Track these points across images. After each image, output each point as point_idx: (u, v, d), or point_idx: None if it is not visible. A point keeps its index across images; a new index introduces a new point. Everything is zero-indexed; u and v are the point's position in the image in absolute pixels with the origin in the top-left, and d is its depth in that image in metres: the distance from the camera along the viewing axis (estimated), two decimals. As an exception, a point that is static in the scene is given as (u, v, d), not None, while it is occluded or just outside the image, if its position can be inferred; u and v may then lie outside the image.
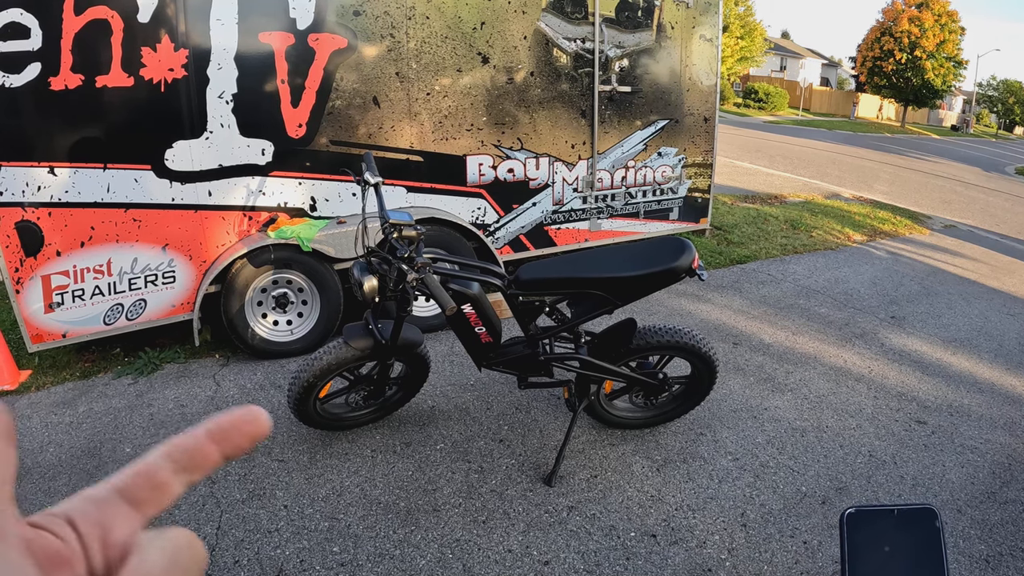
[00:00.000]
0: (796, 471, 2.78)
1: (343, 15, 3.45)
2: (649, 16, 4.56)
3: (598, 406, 2.85)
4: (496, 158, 4.15)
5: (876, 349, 4.07)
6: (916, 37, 31.55)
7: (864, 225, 7.63)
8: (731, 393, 3.39)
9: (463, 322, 2.51)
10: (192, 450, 0.31)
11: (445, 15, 3.75)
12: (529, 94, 4.17)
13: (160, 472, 0.30)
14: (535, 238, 4.48)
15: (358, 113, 3.62)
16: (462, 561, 2.21)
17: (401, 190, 3.87)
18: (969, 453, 3.00)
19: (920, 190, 11.57)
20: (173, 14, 3.02)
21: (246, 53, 3.23)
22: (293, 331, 3.63)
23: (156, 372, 3.42)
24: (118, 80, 2.97)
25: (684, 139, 5.02)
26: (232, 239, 3.46)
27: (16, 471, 0.26)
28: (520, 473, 2.67)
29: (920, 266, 6.14)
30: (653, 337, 2.65)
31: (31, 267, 3.03)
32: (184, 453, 0.30)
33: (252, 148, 3.38)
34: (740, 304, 4.71)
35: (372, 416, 2.92)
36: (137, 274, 3.27)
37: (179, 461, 0.30)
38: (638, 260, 2.53)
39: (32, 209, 2.96)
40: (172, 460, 0.30)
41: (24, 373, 3.35)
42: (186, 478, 0.30)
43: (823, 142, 19.28)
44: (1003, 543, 2.41)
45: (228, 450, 0.31)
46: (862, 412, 3.30)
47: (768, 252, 6.08)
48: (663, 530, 2.39)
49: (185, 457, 0.30)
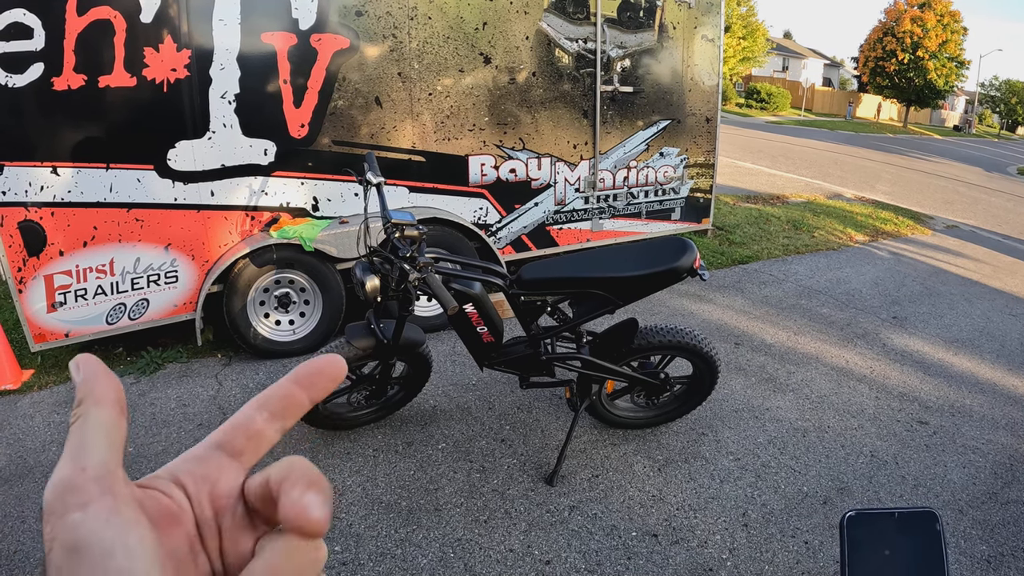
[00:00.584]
0: (798, 471, 2.78)
1: (345, 15, 3.46)
2: (651, 16, 4.56)
3: (600, 406, 2.85)
4: (498, 158, 4.15)
5: (878, 349, 4.07)
6: (918, 37, 31.50)
7: (866, 225, 7.62)
8: (733, 393, 3.39)
9: (465, 322, 2.51)
10: (282, 397, 0.32)
11: (447, 15, 3.76)
12: (531, 94, 4.17)
13: (254, 422, 0.32)
14: (537, 238, 4.48)
15: (360, 113, 3.63)
16: (463, 560, 2.21)
17: (403, 190, 3.88)
18: (971, 453, 2.99)
19: (922, 190, 11.56)
20: (176, 14, 3.03)
21: (249, 53, 3.23)
22: (295, 331, 3.64)
23: (158, 371, 3.42)
24: (121, 80, 2.98)
25: (686, 139, 5.02)
26: (234, 239, 3.47)
27: (125, 439, 0.28)
28: (522, 473, 2.68)
29: (922, 266, 6.13)
30: (655, 337, 2.65)
31: (34, 267, 3.03)
32: (275, 400, 0.32)
33: (254, 148, 3.39)
34: (742, 304, 4.71)
35: (374, 416, 2.92)
36: (139, 274, 3.28)
37: (271, 408, 0.32)
38: (639, 260, 2.53)
39: (35, 209, 2.97)
40: (265, 409, 0.32)
41: (27, 372, 3.36)
42: (279, 425, 0.32)
43: (825, 142, 19.27)
44: (1004, 543, 2.41)
45: (314, 393, 0.33)
46: (864, 412, 3.29)
47: (770, 252, 6.08)
48: (664, 530, 2.39)
49: (277, 404, 0.32)
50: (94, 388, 0.28)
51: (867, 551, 0.78)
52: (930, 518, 0.79)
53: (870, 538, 0.78)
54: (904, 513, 0.80)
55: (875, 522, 0.80)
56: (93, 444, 0.27)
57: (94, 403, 0.28)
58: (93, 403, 0.28)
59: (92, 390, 0.28)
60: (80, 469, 0.26)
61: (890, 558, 0.78)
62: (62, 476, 0.26)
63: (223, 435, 0.32)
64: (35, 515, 2.35)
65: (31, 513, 2.36)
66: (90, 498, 0.25)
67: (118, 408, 0.28)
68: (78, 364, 0.29)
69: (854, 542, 0.78)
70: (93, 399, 0.28)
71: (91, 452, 0.26)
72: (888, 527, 0.79)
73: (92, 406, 0.28)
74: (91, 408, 0.28)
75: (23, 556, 2.17)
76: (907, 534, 0.78)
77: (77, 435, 0.27)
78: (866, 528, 0.79)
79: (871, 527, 0.79)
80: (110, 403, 0.28)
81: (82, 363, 0.29)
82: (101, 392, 0.28)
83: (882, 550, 0.78)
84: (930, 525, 0.79)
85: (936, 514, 0.79)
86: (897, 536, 0.78)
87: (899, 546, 0.78)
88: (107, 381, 0.29)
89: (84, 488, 0.25)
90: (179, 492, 0.29)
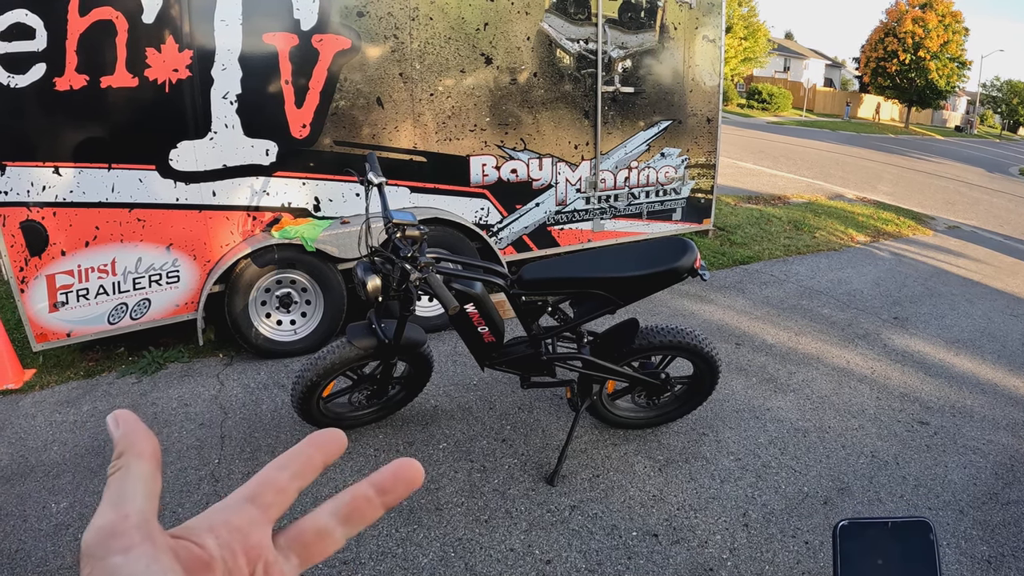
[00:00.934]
0: (798, 471, 2.78)
1: (347, 16, 3.46)
2: (652, 17, 4.57)
3: (600, 406, 2.86)
4: (499, 159, 4.15)
5: (879, 350, 4.07)
6: (920, 38, 31.49)
7: (867, 226, 7.62)
8: (733, 393, 3.39)
9: (466, 322, 2.51)
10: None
11: (448, 16, 3.76)
12: (532, 95, 4.17)
13: (278, 480, 0.35)
14: (538, 238, 4.49)
15: (362, 114, 3.63)
16: (464, 560, 2.22)
17: (405, 190, 3.88)
18: (971, 454, 2.99)
19: (923, 191, 11.55)
20: (177, 15, 3.04)
21: (250, 54, 3.24)
22: (297, 331, 3.64)
23: (160, 371, 3.43)
24: (123, 81, 2.99)
25: (687, 140, 5.02)
26: (236, 239, 3.48)
27: (160, 491, 0.31)
28: (522, 472, 2.68)
29: (923, 267, 6.13)
30: (655, 337, 2.65)
31: (36, 266, 3.04)
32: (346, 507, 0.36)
33: (256, 148, 3.39)
34: (743, 305, 4.71)
35: (375, 415, 2.93)
36: (141, 274, 3.29)
37: (298, 473, 0.36)
38: (640, 260, 2.53)
39: (37, 209, 2.98)
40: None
41: (29, 372, 3.36)
42: (298, 484, 0.36)
43: (827, 143, 19.26)
44: (1005, 544, 2.41)
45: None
46: (864, 413, 3.29)
47: (771, 253, 6.07)
48: (665, 530, 2.39)
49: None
50: (134, 442, 0.31)
51: (860, 560, 0.78)
52: (923, 527, 0.79)
53: (863, 547, 0.78)
54: (897, 522, 0.80)
55: (868, 531, 0.79)
56: (133, 494, 0.29)
57: (135, 456, 0.30)
58: (134, 456, 0.30)
59: (132, 444, 0.31)
60: (123, 516, 0.28)
61: (883, 567, 0.77)
62: (104, 522, 0.28)
63: (255, 490, 0.34)
64: (36, 514, 2.36)
65: (32, 512, 2.37)
66: (132, 543, 0.27)
67: (155, 462, 0.31)
68: (117, 419, 0.32)
69: (847, 552, 0.78)
70: (134, 452, 0.30)
71: (132, 501, 0.29)
72: (881, 536, 0.79)
73: (133, 458, 0.30)
74: (132, 460, 0.30)
75: (24, 555, 2.18)
76: (900, 543, 0.78)
77: (117, 485, 0.29)
78: (859, 537, 0.79)
79: (864, 536, 0.79)
80: (148, 457, 0.31)
81: (121, 418, 0.32)
82: (141, 447, 0.31)
83: (875, 559, 0.78)
84: (923, 534, 0.78)
85: (929, 523, 0.79)
86: (890, 545, 0.78)
87: (892, 555, 0.78)
88: (146, 437, 0.31)
89: (126, 534, 0.27)
90: (211, 541, 0.31)
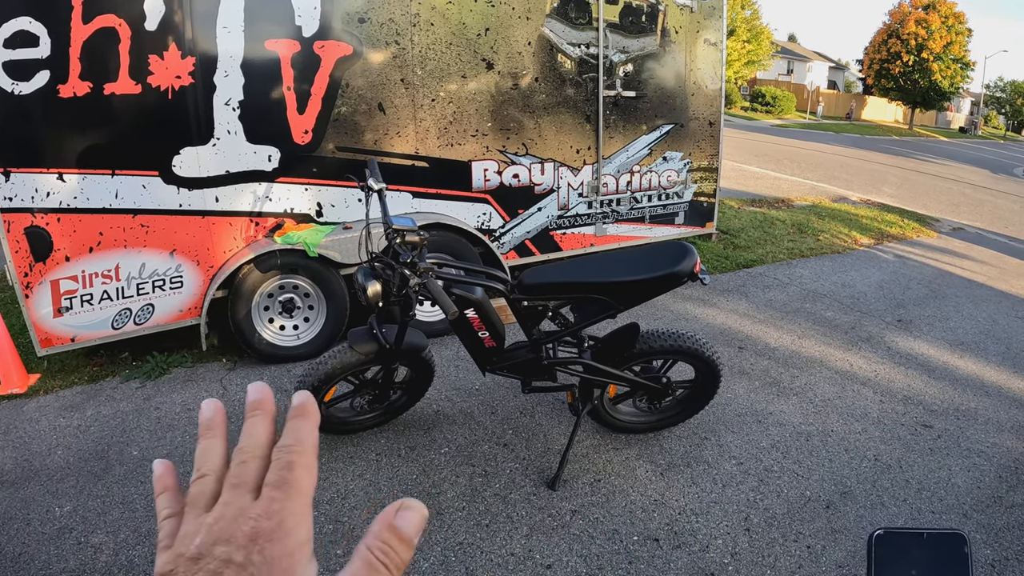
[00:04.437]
0: (800, 475, 2.77)
1: (348, 22, 3.48)
2: (653, 21, 4.58)
3: (602, 410, 2.85)
4: (501, 163, 4.16)
5: (882, 353, 4.06)
6: (923, 39, 31.42)
7: (871, 228, 7.60)
8: (736, 397, 3.38)
9: (467, 327, 2.52)
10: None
11: (449, 22, 3.78)
12: (534, 99, 4.18)
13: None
14: (541, 243, 4.49)
15: (364, 119, 3.65)
16: (465, 564, 2.22)
17: (407, 196, 3.90)
18: (975, 457, 2.98)
19: (928, 193, 11.51)
20: (180, 22, 3.06)
21: (253, 60, 3.26)
22: (299, 335, 3.65)
23: (164, 376, 3.45)
24: (126, 87, 3.01)
25: (689, 143, 5.02)
26: (239, 244, 3.49)
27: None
28: (524, 477, 2.68)
29: (928, 269, 6.11)
30: (656, 341, 2.65)
31: (40, 272, 3.06)
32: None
33: (259, 154, 3.41)
34: (746, 308, 4.70)
35: (377, 420, 2.93)
36: (145, 279, 3.30)
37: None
38: (640, 265, 2.53)
39: (41, 215, 3.00)
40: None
41: (33, 377, 3.38)
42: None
43: (831, 145, 19.22)
44: (1009, 548, 2.40)
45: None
46: (868, 416, 3.28)
47: (774, 256, 6.06)
48: (666, 534, 2.39)
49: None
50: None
51: (893, 570, 0.78)
52: (959, 540, 0.79)
53: (897, 557, 0.79)
54: (933, 534, 0.80)
55: (903, 541, 0.80)
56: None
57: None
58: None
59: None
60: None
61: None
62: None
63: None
64: (40, 518, 2.37)
65: (36, 516, 2.38)
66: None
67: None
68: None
69: (881, 560, 0.79)
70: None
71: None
72: (916, 546, 0.79)
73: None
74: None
75: (28, 559, 2.19)
76: (935, 555, 0.79)
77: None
78: (894, 547, 0.79)
79: (898, 546, 0.79)
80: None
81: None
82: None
83: (909, 570, 0.78)
84: (958, 548, 0.79)
85: (965, 536, 0.80)
86: (924, 556, 0.78)
87: (926, 566, 0.78)
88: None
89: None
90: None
